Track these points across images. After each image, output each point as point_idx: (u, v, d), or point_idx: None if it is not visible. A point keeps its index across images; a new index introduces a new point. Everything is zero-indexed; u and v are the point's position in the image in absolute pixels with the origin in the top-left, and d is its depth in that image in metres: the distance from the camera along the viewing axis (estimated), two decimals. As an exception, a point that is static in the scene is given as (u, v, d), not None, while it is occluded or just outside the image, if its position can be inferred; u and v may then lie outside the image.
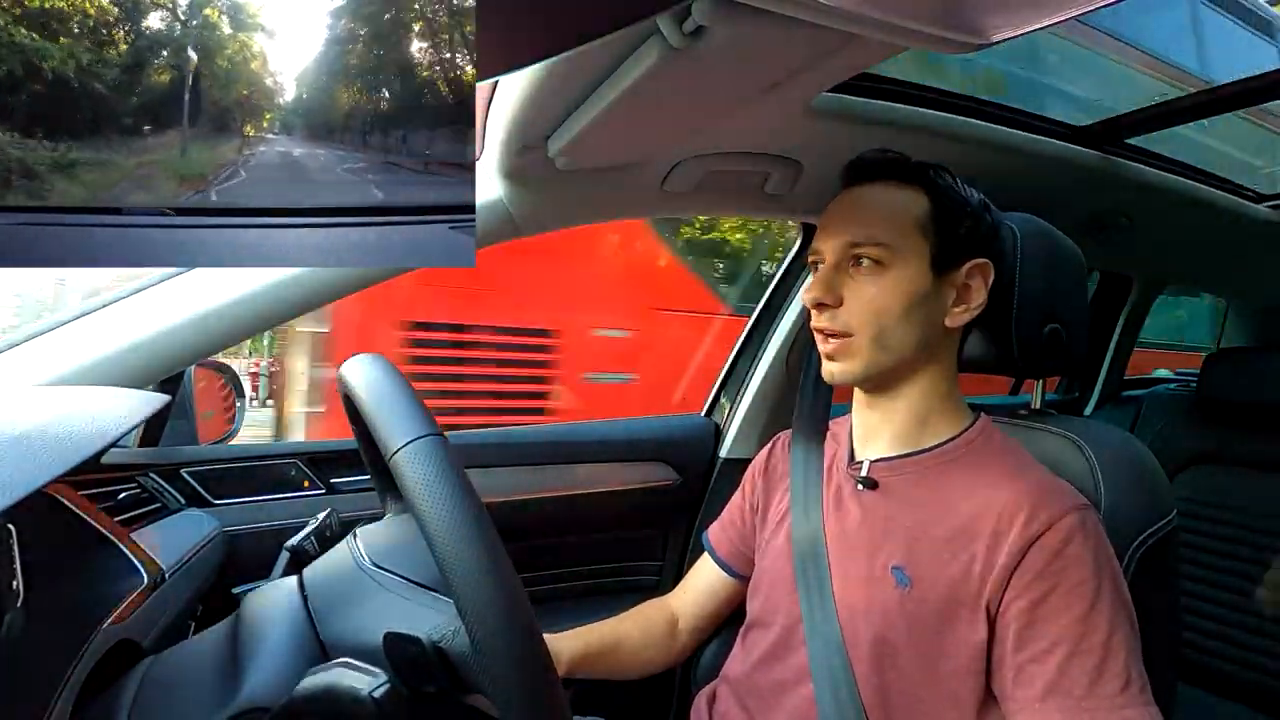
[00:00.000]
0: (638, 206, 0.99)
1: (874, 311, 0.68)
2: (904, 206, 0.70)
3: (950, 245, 0.70)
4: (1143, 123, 1.07)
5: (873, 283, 0.69)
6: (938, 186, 0.71)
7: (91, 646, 0.53)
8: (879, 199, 0.71)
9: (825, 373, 0.73)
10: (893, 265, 0.68)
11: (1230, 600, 1.40)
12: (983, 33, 0.56)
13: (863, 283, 0.69)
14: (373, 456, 0.67)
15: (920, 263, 0.69)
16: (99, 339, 0.73)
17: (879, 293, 0.68)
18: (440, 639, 0.52)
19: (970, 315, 0.72)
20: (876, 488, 0.73)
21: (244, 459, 1.04)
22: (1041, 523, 0.62)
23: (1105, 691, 0.58)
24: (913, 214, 0.69)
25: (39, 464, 0.41)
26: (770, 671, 0.75)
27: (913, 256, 0.69)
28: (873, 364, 0.70)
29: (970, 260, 0.71)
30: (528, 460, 1.18)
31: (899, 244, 0.68)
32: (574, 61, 0.63)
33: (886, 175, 0.72)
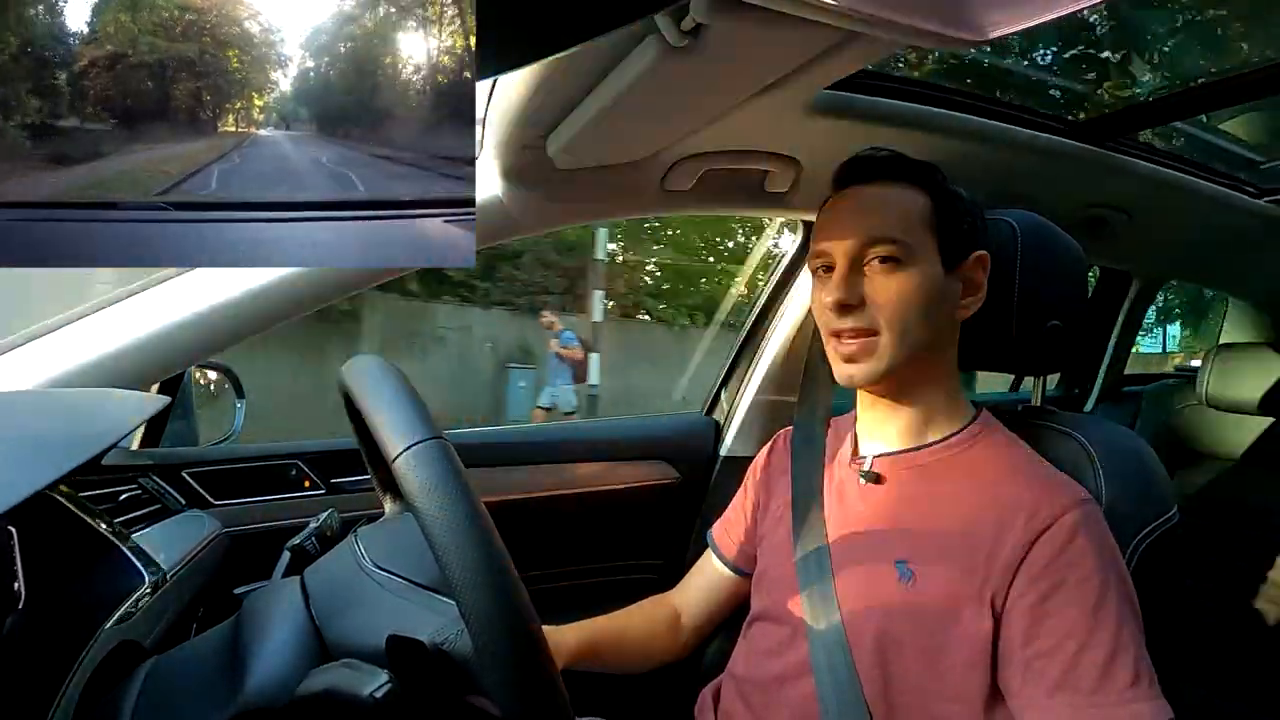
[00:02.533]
0: (637, 205, 0.99)
1: (899, 309, 0.68)
2: (911, 204, 0.70)
3: (955, 241, 0.70)
4: (1142, 118, 1.07)
5: (894, 280, 0.68)
6: (935, 184, 0.72)
7: (93, 648, 0.53)
8: (886, 198, 0.70)
9: (843, 376, 0.72)
10: (910, 262, 0.68)
11: (1230, 597, 1.40)
12: (981, 28, 0.56)
13: (883, 281, 0.69)
14: (372, 454, 0.67)
15: (933, 259, 0.69)
16: (99, 339, 0.73)
17: (901, 289, 0.68)
18: (443, 642, 0.52)
19: (978, 305, 0.73)
20: (880, 481, 0.73)
21: (244, 459, 1.04)
22: (1045, 517, 0.62)
23: (1114, 686, 0.58)
24: (919, 211, 0.70)
25: (40, 466, 0.41)
26: (773, 665, 0.75)
27: (927, 252, 0.69)
28: (896, 361, 0.69)
29: (973, 253, 0.72)
30: (528, 459, 1.18)
31: (913, 241, 0.68)
32: (573, 60, 0.63)
33: (886, 175, 0.72)
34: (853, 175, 0.73)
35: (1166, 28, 1.73)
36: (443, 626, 0.52)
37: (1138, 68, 1.63)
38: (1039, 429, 0.79)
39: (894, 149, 0.74)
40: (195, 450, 1.09)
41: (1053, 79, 1.67)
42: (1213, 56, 1.64)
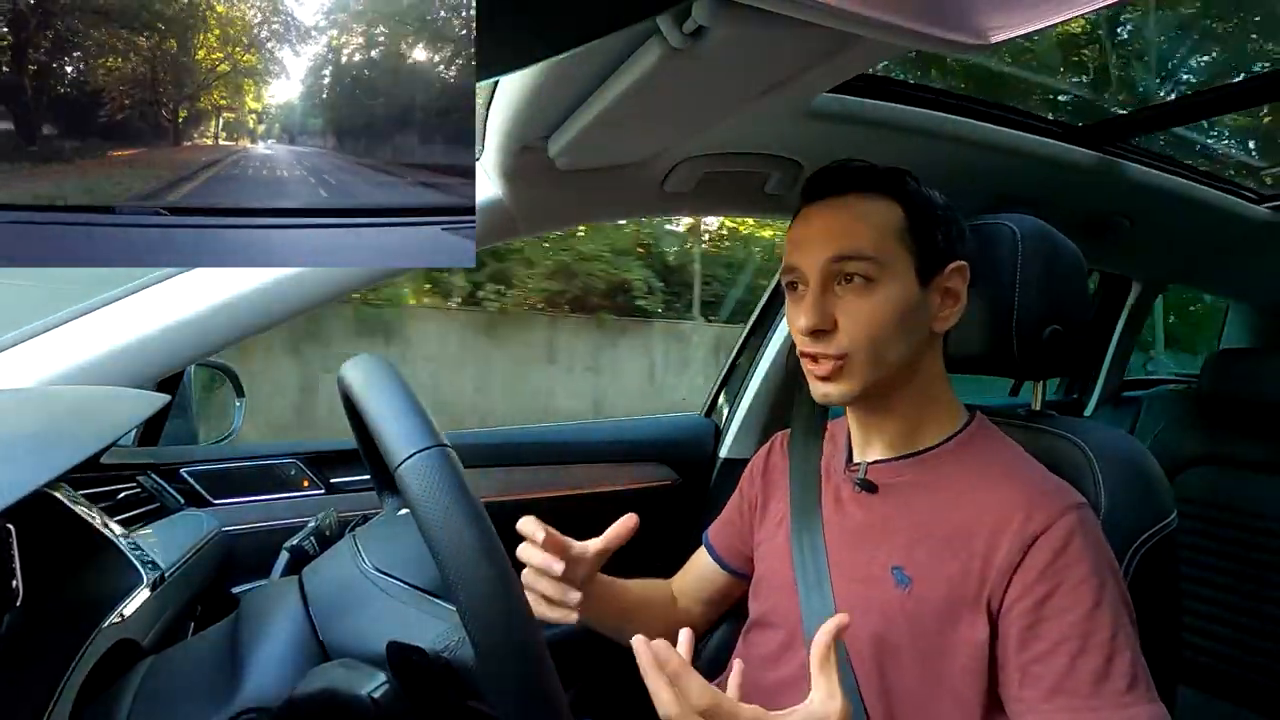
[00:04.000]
0: (638, 207, 0.99)
1: (870, 330, 0.66)
2: (883, 218, 0.68)
3: (931, 254, 0.68)
4: (1143, 123, 1.07)
5: (865, 300, 0.66)
6: (909, 195, 0.69)
7: (91, 646, 0.53)
8: (856, 211, 0.68)
9: (818, 394, 0.71)
10: (882, 279, 0.66)
11: (1230, 601, 1.40)
12: (983, 33, 0.56)
13: (854, 301, 0.67)
14: (371, 453, 0.67)
15: (907, 274, 0.67)
16: (99, 339, 0.73)
17: (872, 310, 0.66)
18: (444, 649, 0.51)
19: (956, 317, 0.71)
20: (874, 489, 0.73)
21: (243, 459, 1.04)
22: (1040, 522, 0.62)
23: (1111, 690, 0.57)
24: (892, 225, 0.67)
25: (39, 464, 0.41)
26: (772, 672, 0.75)
27: (899, 268, 0.67)
28: (869, 382, 0.68)
29: (950, 264, 0.70)
30: (527, 460, 1.18)
31: (885, 257, 0.66)
32: (574, 62, 0.63)
33: (857, 187, 0.69)
34: (823, 188, 0.70)
35: (1168, 33, 1.73)
36: (443, 633, 0.52)
37: (1139, 73, 1.64)
38: (1039, 433, 0.79)
39: (882, 156, 0.73)
40: (194, 449, 1.09)
41: (1054, 83, 1.67)
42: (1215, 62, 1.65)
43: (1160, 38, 1.69)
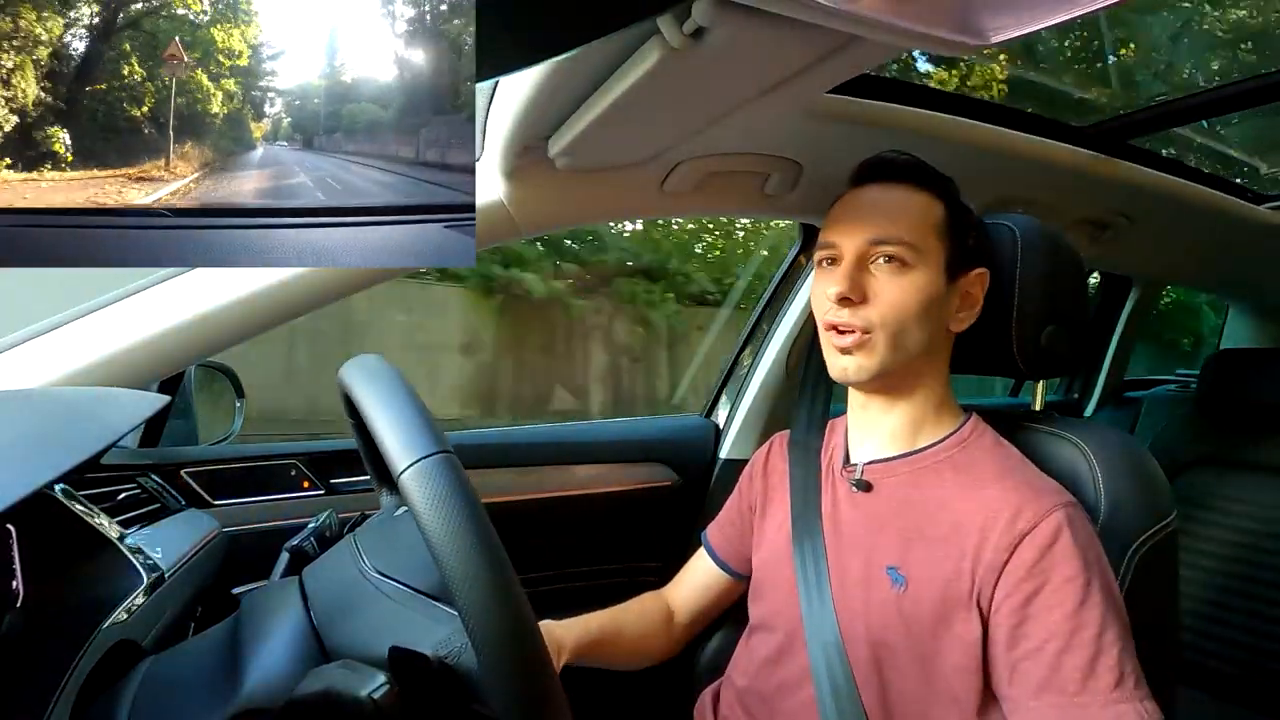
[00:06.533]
0: (638, 207, 0.99)
1: (897, 310, 0.69)
2: (926, 210, 0.71)
3: (961, 253, 0.72)
4: (1142, 124, 1.07)
5: (897, 282, 0.69)
6: (953, 195, 0.73)
7: (91, 647, 0.53)
8: (902, 200, 0.71)
9: (837, 370, 0.72)
10: (915, 266, 0.69)
11: (1230, 602, 1.40)
12: (983, 33, 0.56)
13: (886, 280, 0.69)
14: (371, 453, 0.67)
15: (938, 266, 0.70)
16: (99, 339, 0.73)
17: (902, 292, 0.69)
18: (446, 654, 0.51)
19: (971, 320, 0.74)
20: (870, 489, 0.73)
21: (243, 459, 1.04)
22: (1028, 520, 0.62)
23: (1098, 687, 0.58)
24: (932, 219, 0.71)
25: (39, 465, 0.41)
26: (773, 675, 0.75)
27: (932, 259, 0.70)
28: (888, 362, 0.70)
29: (975, 268, 0.73)
30: (527, 461, 1.18)
31: (922, 246, 0.69)
32: (574, 62, 0.63)
33: (907, 178, 0.73)
34: (873, 173, 0.74)
35: (1169, 34, 1.73)
36: (445, 639, 0.52)
37: (1139, 74, 1.64)
38: (1039, 434, 0.79)
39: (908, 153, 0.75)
40: (194, 450, 1.08)
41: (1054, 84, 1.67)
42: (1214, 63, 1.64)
43: (1160, 38, 1.69)
